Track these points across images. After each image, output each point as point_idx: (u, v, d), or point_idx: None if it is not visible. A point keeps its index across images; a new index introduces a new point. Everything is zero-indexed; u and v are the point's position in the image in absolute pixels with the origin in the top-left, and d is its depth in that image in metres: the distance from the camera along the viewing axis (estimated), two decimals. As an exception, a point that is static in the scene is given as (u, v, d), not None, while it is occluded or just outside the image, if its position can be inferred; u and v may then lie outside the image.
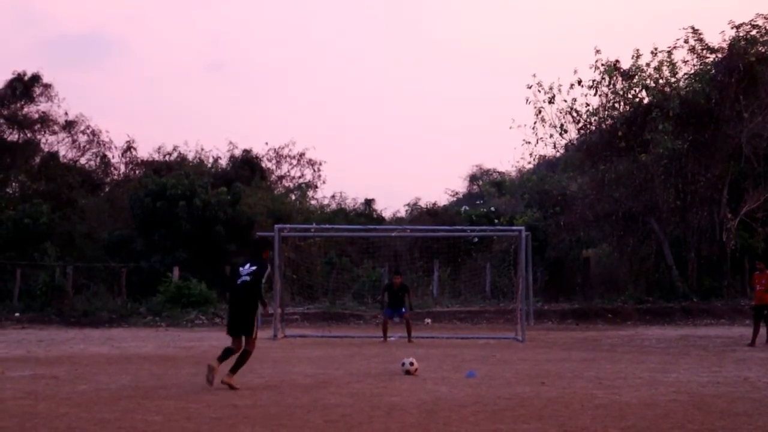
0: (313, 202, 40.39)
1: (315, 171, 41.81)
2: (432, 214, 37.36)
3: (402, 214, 41.16)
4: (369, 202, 39.29)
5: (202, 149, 39.40)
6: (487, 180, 55.12)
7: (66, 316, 24.14)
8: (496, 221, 33.39)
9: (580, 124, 29.31)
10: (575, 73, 28.92)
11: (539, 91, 28.69)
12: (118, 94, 73.17)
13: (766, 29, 27.22)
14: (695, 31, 27.77)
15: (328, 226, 26.29)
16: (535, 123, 29.07)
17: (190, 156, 38.71)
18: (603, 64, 28.19)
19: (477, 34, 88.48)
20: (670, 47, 28.00)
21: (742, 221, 28.34)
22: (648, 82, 28.11)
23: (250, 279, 9.54)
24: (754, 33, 27.15)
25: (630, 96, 28.61)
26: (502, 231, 25.80)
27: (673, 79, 28.17)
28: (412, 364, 11.02)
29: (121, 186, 36.51)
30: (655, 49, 28.06)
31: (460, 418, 7.59)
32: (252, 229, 27.29)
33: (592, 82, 28.38)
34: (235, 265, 10.05)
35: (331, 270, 28.92)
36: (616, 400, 8.72)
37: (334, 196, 41.68)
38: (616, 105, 28.91)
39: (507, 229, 25.40)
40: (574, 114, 28.97)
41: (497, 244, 29.72)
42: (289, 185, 41.71)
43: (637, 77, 28.18)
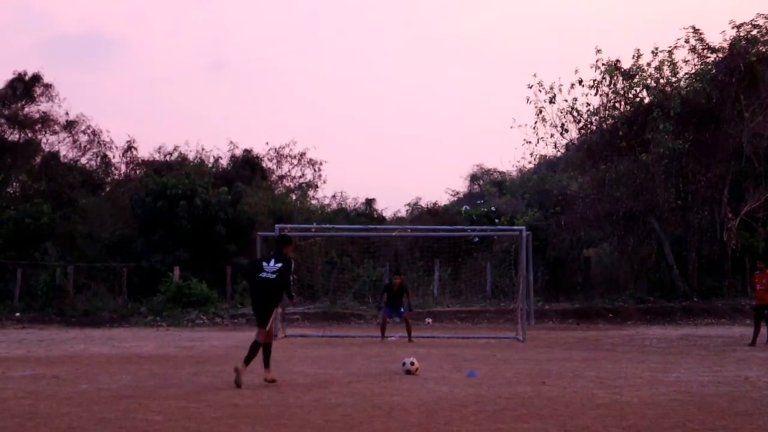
0: (313, 202, 40.41)
1: (315, 171, 41.91)
2: (433, 214, 37.34)
3: (403, 213, 41.12)
4: (369, 202, 39.25)
5: (203, 149, 39.46)
6: (487, 180, 55.02)
7: (67, 316, 24.15)
8: (497, 221, 33.34)
9: (581, 124, 29.34)
10: (576, 72, 29.05)
11: (540, 90, 28.79)
12: (118, 94, 73.27)
13: (766, 29, 27.20)
14: (696, 30, 27.78)
15: (328, 226, 26.26)
16: (535, 123, 29.17)
17: (191, 156, 38.75)
18: (604, 64, 28.23)
19: (477, 34, 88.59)
20: (670, 47, 28.07)
21: (742, 221, 28.37)
22: (649, 81, 28.11)
23: (276, 277, 9.90)
24: (754, 33, 27.12)
25: (631, 96, 28.63)
26: (502, 231, 25.81)
27: (673, 79, 28.17)
28: (413, 363, 11.01)
29: (122, 186, 36.53)
30: (656, 48, 28.14)
31: (460, 418, 7.58)
32: (253, 229, 27.29)
33: (593, 81, 28.42)
34: (260, 260, 10.49)
35: (332, 270, 28.91)
36: (617, 400, 8.71)
37: (334, 196, 41.71)
38: (617, 105, 28.93)
39: (508, 229, 25.42)
40: (575, 114, 28.99)
41: (498, 243, 29.72)
42: (289, 185, 41.75)
43: (637, 77, 28.19)
